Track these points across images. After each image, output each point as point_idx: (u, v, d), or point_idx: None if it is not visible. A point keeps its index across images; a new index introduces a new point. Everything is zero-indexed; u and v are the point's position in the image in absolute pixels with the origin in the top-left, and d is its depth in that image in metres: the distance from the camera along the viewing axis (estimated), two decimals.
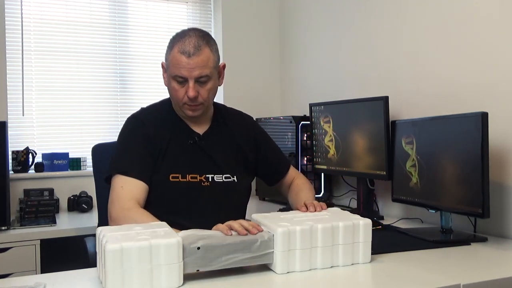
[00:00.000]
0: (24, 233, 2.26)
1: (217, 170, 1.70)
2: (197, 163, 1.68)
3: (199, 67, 1.59)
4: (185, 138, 1.70)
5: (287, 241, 1.29)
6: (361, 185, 2.39)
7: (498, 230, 1.83)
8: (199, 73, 1.59)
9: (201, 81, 1.61)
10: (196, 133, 1.72)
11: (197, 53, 1.59)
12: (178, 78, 1.61)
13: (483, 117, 1.62)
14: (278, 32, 3.41)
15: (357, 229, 1.38)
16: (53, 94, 2.95)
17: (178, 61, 1.59)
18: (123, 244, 1.14)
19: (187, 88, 1.61)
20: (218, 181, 1.69)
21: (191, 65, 1.58)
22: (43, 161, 2.84)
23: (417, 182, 1.91)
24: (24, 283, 1.23)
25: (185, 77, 1.60)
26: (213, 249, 1.23)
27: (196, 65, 1.58)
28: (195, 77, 1.59)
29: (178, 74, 1.60)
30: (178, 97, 1.64)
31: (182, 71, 1.59)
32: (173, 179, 1.64)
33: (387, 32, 2.43)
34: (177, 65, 1.59)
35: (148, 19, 3.20)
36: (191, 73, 1.59)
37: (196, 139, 1.71)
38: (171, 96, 1.69)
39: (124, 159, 1.65)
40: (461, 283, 1.26)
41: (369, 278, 1.34)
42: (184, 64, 1.58)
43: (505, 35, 1.84)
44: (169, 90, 1.68)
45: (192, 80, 1.59)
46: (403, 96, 2.29)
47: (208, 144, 1.72)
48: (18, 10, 2.84)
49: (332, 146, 2.50)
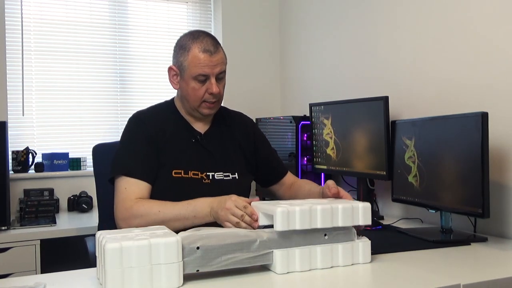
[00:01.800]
0: (24, 233, 2.26)
1: (218, 168, 1.73)
2: (198, 160, 1.71)
3: (220, 64, 1.68)
4: (187, 136, 1.74)
5: (286, 221, 1.30)
6: (361, 185, 2.39)
7: (498, 230, 1.83)
8: (220, 69, 1.68)
9: (219, 78, 1.70)
10: (198, 132, 1.76)
11: (217, 50, 1.68)
12: (200, 76, 1.66)
13: (483, 117, 1.62)
14: (278, 32, 3.41)
15: (356, 211, 1.39)
16: (53, 94, 2.95)
17: (201, 60, 1.65)
18: (122, 243, 1.14)
19: (208, 85, 1.67)
20: (219, 179, 1.72)
21: (214, 62, 1.66)
22: (43, 161, 2.84)
23: (417, 182, 1.91)
24: (24, 283, 1.23)
25: (207, 75, 1.66)
26: (212, 249, 1.23)
27: (217, 62, 1.67)
28: (217, 73, 1.67)
29: (201, 73, 1.65)
30: (198, 95, 1.68)
31: (205, 69, 1.65)
32: (176, 175, 1.66)
33: (387, 32, 2.43)
34: (199, 64, 1.65)
35: (148, 19, 3.20)
36: (213, 70, 1.66)
37: (198, 138, 1.74)
38: (188, 97, 1.70)
39: (127, 160, 1.67)
40: (461, 283, 1.26)
41: (369, 278, 1.34)
42: (207, 62, 1.65)
43: (505, 35, 1.84)
44: (185, 92, 1.70)
45: (213, 77, 1.67)
46: (403, 96, 2.29)
47: (210, 143, 1.75)
48: (18, 10, 2.84)
49: (332, 146, 2.50)
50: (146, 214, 1.55)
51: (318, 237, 1.35)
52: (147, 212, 1.56)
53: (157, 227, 1.32)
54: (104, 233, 1.25)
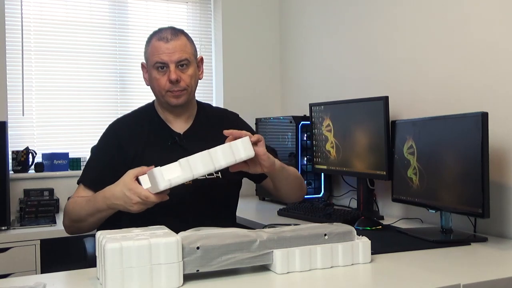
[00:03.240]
0: (24, 233, 2.26)
1: None
2: None
3: (178, 51, 1.65)
4: (165, 139, 1.71)
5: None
6: (361, 185, 2.38)
7: (498, 230, 1.83)
8: (179, 57, 1.64)
9: (181, 65, 1.66)
10: (177, 133, 1.73)
11: (175, 38, 1.66)
12: (158, 64, 1.65)
13: (483, 117, 1.61)
14: (278, 32, 3.41)
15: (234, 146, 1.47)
16: (53, 94, 2.95)
17: (157, 48, 1.65)
18: (122, 243, 1.14)
19: (168, 73, 1.65)
20: (201, 179, 1.67)
21: (170, 49, 1.64)
22: (43, 161, 2.84)
23: (417, 182, 1.91)
24: (24, 283, 1.23)
25: (165, 62, 1.64)
26: (212, 249, 1.23)
27: (175, 49, 1.64)
28: (175, 61, 1.64)
29: (158, 60, 1.64)
30: (161, 85, 1.67)
31: (162, 56, 1.64)
32: None
33: (387, 32, 2.43)
34: (156, 52, 1.65)
35: (148, 19, 3.19)
36: (171, 57, 1.64)
37: (177, 139, 1.72)
38: (154, 88, 1.71)
39: (86, 169, 1.75)
40: (461, 283, 1.25)
41: (369, 278, 1.34)
42: (163, 50, 1.64)
43: (505, 35, 1.84)
44: (151, 84, 1.72)
45: (172, 64, 1.64)
46: (403, 96, 2.29)
47: (189, 143, 1.71)
48: (18, 10, 2.84)
49: (332, 146, 2.50)
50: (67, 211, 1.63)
51: (318, 237, 1.35)
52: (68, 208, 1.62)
53: (157, 227, 1.31)
54: (104, 233, 1.25)
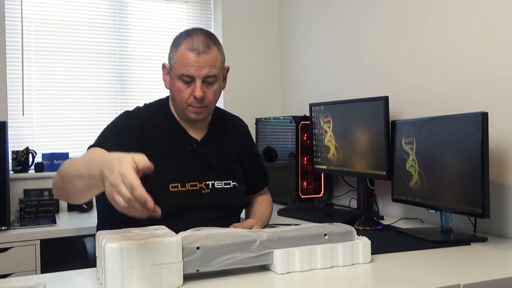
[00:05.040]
0: (24, 233, 2.26)
1: (217, 176, 1.67)
2: (196, 170, 1.64)
3: (208, 66, 1.54)
4: (182, 145, 1.66)
5: None
6: (361, 185, 2.38)
7: (498, 230, 1.83)
8: (208, 72, 1.54)
9: (208, 82, 1.57)
10: (194, 139, 1.68)
11: (207, 51, 1.54)
12: (184, 77, 1.55)
13: (483, 117, 1.61)
14: (278, 32, 3.41)
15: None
16: (53, 94, 2.95)
17: (186, 59, 1.53)
18: (122, 243, 1.14)
19: (193, 88, 1.55)
20: (219, 187, 1.66)
21: (200, 63, 1.53)
22: (43, 161, 2.83)
23: (417, 182, 1.91)
24: (24, 283, 1.23)
25: (192, 76, 1.54)
26: (212, 249, 1.23)
27: (205, 63, 1.53)
28: (203, 76, 1.54)
29: (185, 73, 1.54)
30: (183, 98, 1.57)
31: (190, 70, 1.53)
32: (173, 189, 1.60)
33: (387, 32, 2.43)
34: (184, 63, 1.53)
35: (148, 19, 3.19)
36: (199, 72, 1.53)
37: (194, 146, 1.67)
38: (175, 97, 1.62)
39: (101, 136, 1.58)
40: (461, 283, 1.25)
41: (369, 278, 1.34)
42: (192, 62, 1.52)
43: (505, 35, 1.84)
44: (172, 92, 1.63)
45: (199, 80, 1.54)
46: (403, 96, 2.29)
47: (206, 150, 1.68)
48: (18, 10, 2.84)
49: (332, 146, 2.50)
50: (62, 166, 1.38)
51: (318, 237, 1.35)
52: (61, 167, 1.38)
53: (157, 227, 1.31)
54: (104, 233, 1.25)
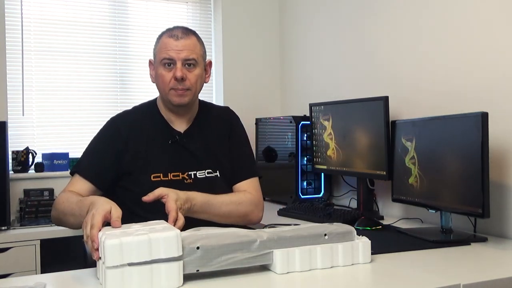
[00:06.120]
0: (24, 233, 2.26)
1: (199, 166, 1.72)
2: (178, 161, 1.70)
3: (187, 49, 1.66)
4: (166, 138, 1.72)
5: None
6: (361, 185, 2.38)
7: (498, 230, 1.83)
8: (187, 55, 1.66)
9: (188, 65, 1.67)
10: (177, 132, 1.74)
11: (185, 37, 1.68)
12: (165, 60, 1.66)
13: (483, 117, 1.62)
14: (278, 32, 3.41)
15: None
16: (53, 94, 2.95)
17: (166, 44, 1.66)
18: (122, 239, 1.14)
19: (174, 71, 1.66)
20: (201, 177, 1.70)
21: (179, 47, 1.66)
22: (43, 161, 2.83)
23: (417, 182, 1.91)
24: (24, 283, 1.23)
25: (172, 58, 1.65)
26: (212, 249, 1.23)
27: (184, 47, 1.66)
28: (183, 59, 1.65)
29: (166, 56, 1.66)
30: (165, 82, 1.67)
31: (170, 53, 1.65)
32: (155, 179, 1.66)
33: (387, 32, 2.43)
34: (165, 49, 1.66)
35: (148, 19, 3.19)
36: (178, 55, 1.65)
37: (177, 138, 1.72)
38: (159, 85, 1.71)
39: (83, 159, 1.72)
40: (461, 283, 1.26)
41: (369, 278, 1.34)
42: (172, 46, 1.66)
43: (505, 35, 1.84)
44: (156, 82, 1.73)
45: (179, 62, 1.65)
46: (403, 96, 2.29)
47: (189, 141, 1.73)
48: (18, 10, 2.84)
49: (332, 146, 2.50)
50: (58, 204, 1.58)
51: (318, 237, 1.35)
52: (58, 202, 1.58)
53: (156, 222, 1.31)
54: (103, 229, 1.25)
